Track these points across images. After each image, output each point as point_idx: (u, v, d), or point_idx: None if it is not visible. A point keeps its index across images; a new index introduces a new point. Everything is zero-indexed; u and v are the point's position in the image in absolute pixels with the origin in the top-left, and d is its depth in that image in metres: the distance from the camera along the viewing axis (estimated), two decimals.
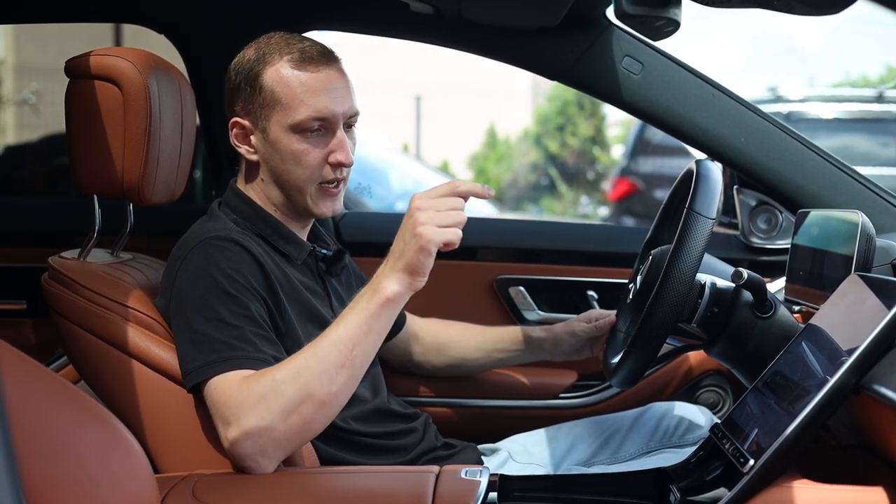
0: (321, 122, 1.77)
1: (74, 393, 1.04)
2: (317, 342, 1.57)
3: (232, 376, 1.56)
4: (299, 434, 1.55)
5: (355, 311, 1.57)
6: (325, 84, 1.77)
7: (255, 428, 1.51)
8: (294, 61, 1.77)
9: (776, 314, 1.75)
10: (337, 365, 1.54)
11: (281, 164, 1.79)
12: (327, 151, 1.79)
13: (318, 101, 1.76)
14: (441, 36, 2.34)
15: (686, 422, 2.09)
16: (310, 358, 1.55)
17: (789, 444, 1.41)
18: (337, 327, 1.57)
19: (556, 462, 2.03)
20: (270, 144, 1.79)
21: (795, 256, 1.93)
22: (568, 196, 15.49)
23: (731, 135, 2.19)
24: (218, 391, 1.55)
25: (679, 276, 1.67)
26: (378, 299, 1.56)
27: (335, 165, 1.79)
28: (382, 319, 1.58)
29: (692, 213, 1.69)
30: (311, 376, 1.53)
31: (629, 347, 1.75)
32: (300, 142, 1.77)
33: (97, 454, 1.02)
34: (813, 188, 2.19)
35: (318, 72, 1.77)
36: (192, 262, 1.69)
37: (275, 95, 1.77)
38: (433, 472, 1.57)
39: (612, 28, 2.20)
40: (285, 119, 1.76)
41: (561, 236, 2.77)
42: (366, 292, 1.58)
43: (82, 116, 1.80)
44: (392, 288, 1.56)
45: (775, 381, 1.58)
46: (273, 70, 1.77)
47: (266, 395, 1.52)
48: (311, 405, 1.53)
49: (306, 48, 1.79)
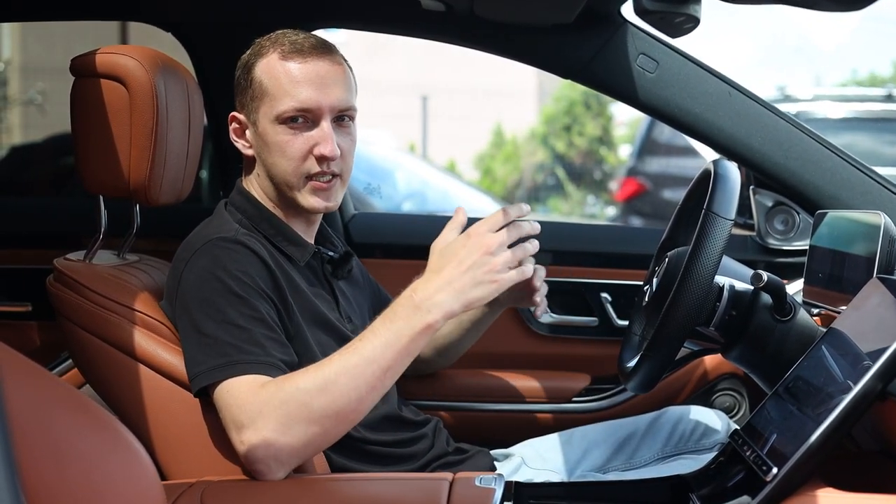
0: (304, 114, 1.74)
1: (78, 398, 1.01)
2: (347, 355, 1.53)
3: (245, 380, 1.53)
4: (316, 446, 1.53)
5: (393, 331, 1.53)
6: (311, 75, 1.74)
7: (272, 434, 1.48)
8: (283, 53, 1.76)
9: (796, 317, 1.73)
10: (368, 385, 1.51)
11: (269, 157, 1.77)
12: (312, 144, 1.75)
13: (301, 92, 1.73)
14: (452, 34, 2.31)
15: (702, 426, 2.06)
16: (340, 373, 1.51)
17: (814, 451, 1.38)
18: (372, 343, 1.53)
19: (570, 468, 2.00)
20: (260, 137, 1.78)
21: (814, 258, 1.91)
22: (575, 196, 15.49)
23: (747, 134, 2.16)
24: (231, 394, 1.52)
25: (697, 279, 1.64)
26: (421, 324, 1.52)
27: (319, 159, 1.76)
28: (419, 343, 1.54)
29: (710, 214, 1.67)
30: (340, 393, 1.50)
31: (646, 351, 1.73)
32: (284, 133, 1.75)
33: (102, 461, 1.00)
34: (831, 188, 2.16)
35: (304, 63, 1.75)
36: (198, 263, 1.66)
37: (262, 87, 1.76)
38: (447, 479, 1.54)
39: (626, 25, 2.17)
40: (271, 110, 1.75)
41: (573, 237, 2.74)
42: (406, 311, 1.53)
43: (88, 116, 1.78)
44: (439, 316, 1.52)
45: (797, 387, 1.55)
46: (264, 62, 1.76)
47: (288, 402, 1.49)
48: (334, 420, 1.51)
49: (298, 41, 1.77)
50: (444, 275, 1.54)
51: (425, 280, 1.56)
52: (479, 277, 1.53)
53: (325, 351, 1.74)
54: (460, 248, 1.55)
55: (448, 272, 1.54)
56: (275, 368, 1.56)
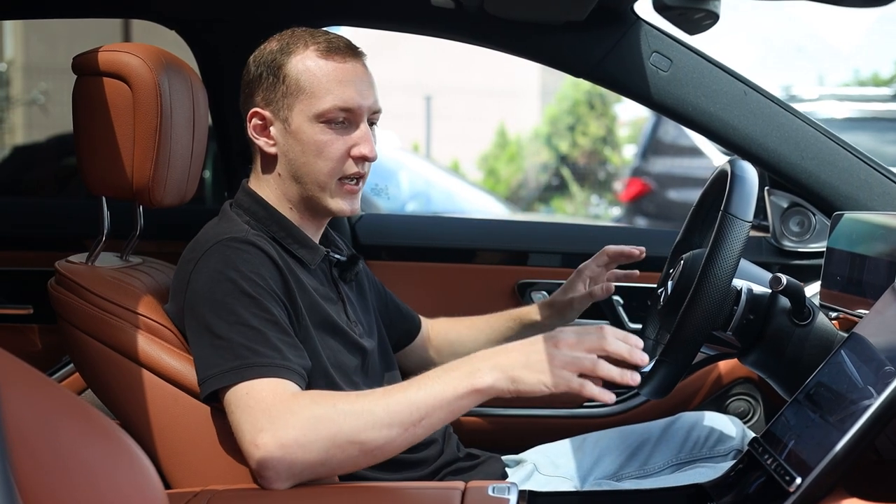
0: (346, 114, 1.72)
1: (79, 405, 0.99)
2: (392, 393, 1.50)
3: (268, 384, 1.50)
4: (331, 468, 1.50)
5: (442, 382, 1.49)
6: (352, 76, 1.73)
7: (294, 443, 1.45)
8: (321, 51, 1.73)
9: (814, 322, 1.70)
10: (401, 426, 1.48)
11: (301, 157, 1.74)
12: (351, 144, 1.73)
13: (344, 92, 1.71)
14: (462, 31, 2.28)
15: (717, 432, 2.03)
16: (378, 404, 1.48)
17: (839, 461, 1.35)
18: (418, 389, 1.49)
19: (582, 475, 1.97)
20: (292, 135, 1.74)
21: (831, 261, 1.87)
22: (579, 196, 15.45)
23: (763, 134, 2.14)
24: (253, 396, 1.49)
25: (715, 283, 1.61)
26: (469, 384, 1.48)
27: (358, 159, 1.74)
28: (463, 403, 1.49)
29: (728, 216, 1.64)
30: (372, 422, 1.47)
31: (662, 357, 1.70)
32: (324, 132, 1.72)
33: (104, 469, 0.97)
34: (848, 189, 2.14)
35: (345, 62, 1.73)
36: (208, 264, 1.63)
37: (300, 84, 1.72)
38: (458, 488, 1.50)
39: (639, 23, 2.15)
40: (310, 108, 1.71)
41: (584, 239, 2.71)
42: (461, 368, 1.50)
43: (90, 115, 1.75)
44: (488, 383, 1.47)
45: (818, 394, 1.51)
46: (298, 59, 1.73)
47: (320, 417, 1.46)
48: (357, 449, 1.48)
49: (332, 39, 1.75)
50: (515, 351, 1.49)
51: (498, 350, 1.51)
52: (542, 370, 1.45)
53: (334, 355, 1.71)
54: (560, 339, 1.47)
55: (519, 350, 1.49)
56: (294, 373, 1.53)
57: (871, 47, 29.42)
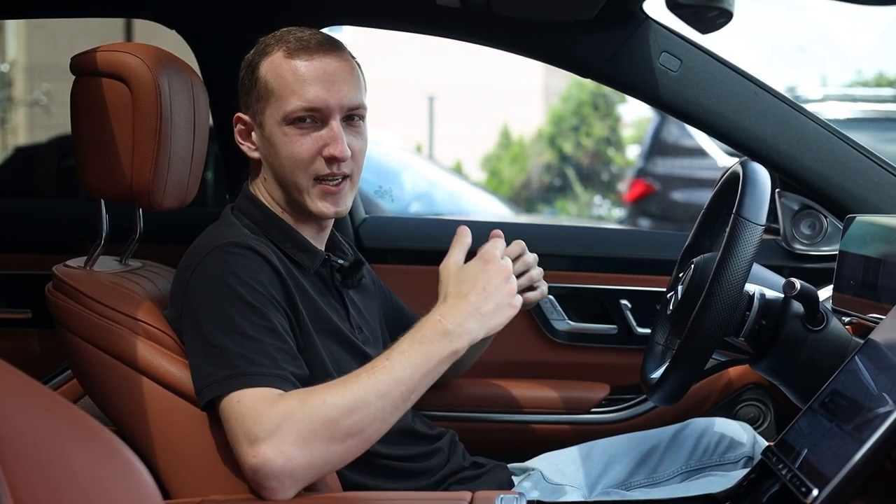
0: (313, 113, 1.68)
1: (74, 413, 0.98)
2: (377, 374, 1.49)
3: (258, 392, 1.46)
4: (333, 464, 1.47)
5: (423, 354, 1.51)
6: (318, 73, 1.69)
7: (291, 448, 1.41)
8: (288, 51, 1.70)
9: (828, 327, 1.67)
10: (395, 407, 1.49)
11: (276, 160, 1.72)
12: (321, 144, 1.69)
13: (308, 91, 1.67)
14: (468, 31, 2.26)
15: (727, 439, 2.00)
16: (370, 392, 1.47)
17: (857, 471, 1.31)
18: (402, 364, 1.50)
19: (591, 483, 1.94)
20: (266, 139, 1.72)
21: (844, 264, 1.85)
22: (583, 197, 15.44)
23: (774, 135, 2.12)
24: (244, 405, 1.46)
25: (727, 287, 1.59)
26: (450, 349, 1.52)
27: (329, 160, 1.69)
28: (444, 368, 1.53)
29: (740, 219, 1.62)
30: (369, 414, 1.46)
31: (672, 362, 1.67)
32: (292, 134, 1.69)
33: (100, 480, 0.96)
34: (860, 192, 2.12)
35: (311, 60, 1.69)
36: (206, 269, 1.60)
37: (268, 87, 1.70)
38: (465, 499, 1.47)
39: (649, 22, 2.12)
40: (277, 111, 1.69)
41: (591, 242, 2.67)
42: (436, 336, 1.52)
43: (89, 116, 1.73)
44: (466, 342, 1.53)
45: (834, 402, 1.48)
46: (268, 61, 1.71)
47: (313, 417, 1.43)
48: (357, 440, 1.47)
49: (304, 38, 1.71)
50: (471, 300, 1.54)
51: (451, 305, 1.54)
52: (501, 303, 1.55)
53: (336, 362, 1.68)
54: (480, 272, 1.56)
55: (474, 298, 1.54)
56: (286, 382, 1.50)
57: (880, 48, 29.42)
